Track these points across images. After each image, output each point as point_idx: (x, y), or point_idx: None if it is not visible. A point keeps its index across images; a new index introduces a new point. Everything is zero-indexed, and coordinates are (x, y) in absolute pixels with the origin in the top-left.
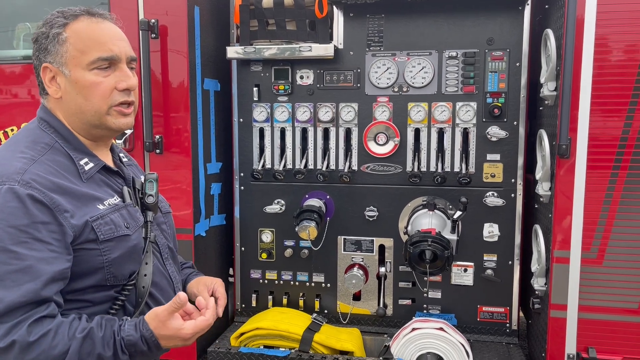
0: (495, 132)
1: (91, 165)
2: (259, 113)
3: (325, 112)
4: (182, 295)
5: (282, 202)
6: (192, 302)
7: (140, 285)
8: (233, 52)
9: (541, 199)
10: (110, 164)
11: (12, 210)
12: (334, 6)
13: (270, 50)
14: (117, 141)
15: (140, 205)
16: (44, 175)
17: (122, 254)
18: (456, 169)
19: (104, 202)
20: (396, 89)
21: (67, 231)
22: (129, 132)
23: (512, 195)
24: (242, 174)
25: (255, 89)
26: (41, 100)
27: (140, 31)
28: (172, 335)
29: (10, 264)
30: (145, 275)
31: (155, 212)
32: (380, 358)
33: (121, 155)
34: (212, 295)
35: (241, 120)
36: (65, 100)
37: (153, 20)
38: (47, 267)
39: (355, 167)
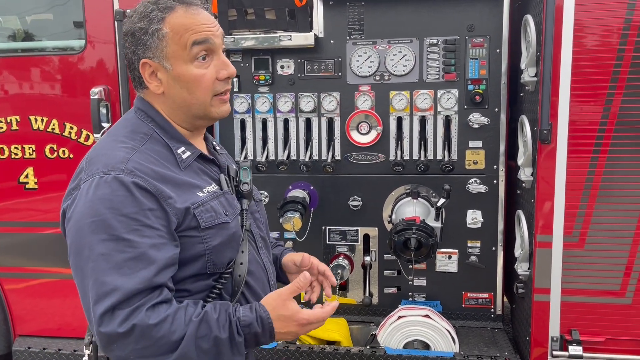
0: (477, 119)
1: (188, 153)
2: (240, 104)
3: (307, 102)
4: (307, 274)
5: (266, 193)
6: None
7: (237, 273)
8: None
9: (523, 185)
10: (205, 152)
11: (121, 199)
12: None
13: (249, 40)
14: (95, 135)
15: (236, 193)
16: (146, 164)
17: (222, 242)
18: (439, 157)
19: (203, 190)
20: (378, 78)
21: (172, 218)
22: (107, 125)
23: (495, 181)
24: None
25: (235, 79)
26: (137, 93)
27: (115, 22)
28: (289, 317)
29: (126, 251)
30: (241, 263)
31: (250, 200)
32: (367, 347)
33: (214, 143)
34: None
35: None
36: (168, 95)
37: (129, 11)
38: (159, 253)
39: (338, 157)
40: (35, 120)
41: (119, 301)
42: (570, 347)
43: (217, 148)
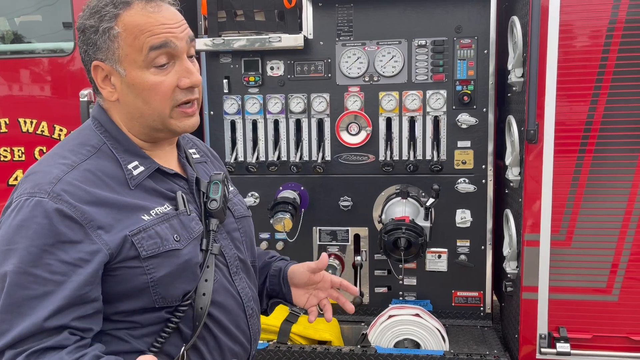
0: (465, 119)
1: (141, 169)
2: (230, 105)
3: (297, 103)
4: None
5: (256, 194)
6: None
7: (198, 306)
8: (201, 44)
9: (511, 184)
10: (173, 163)
11: (38, 227)
12: None
13: (239, 41)
14: None
15: (204, 212)
16: (80, 184)
17: (171, 272)
18: (428, 157)
19: (151, 212)
20: (367, 79)
21: (102, 250)
22: None
23: (483, 181)
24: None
25: (225, 81)
26: (97, 98)
27: None
28: None
29: (29, 288)
30: (204, 294)
31: (222, 220)
32: (358, 346)
33: (191, 151)
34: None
35: (212, 113)
36: (123, 103)
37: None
38: (67, 292)
39: (328, 158)
40: (25, 122)
41: (8, 344)
42: (558, 345)
43: (196, 156)
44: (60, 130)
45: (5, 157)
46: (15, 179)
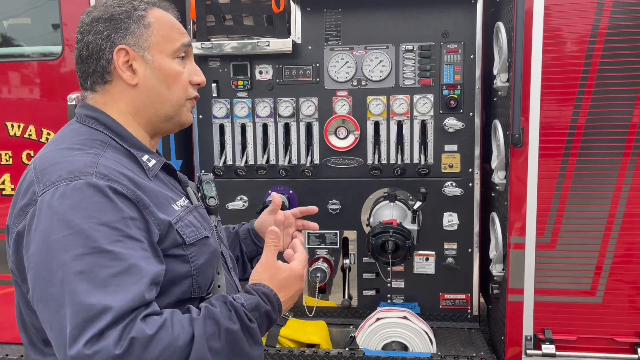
0: (452, 123)
1: (154, 161)
2: (219, 109)
3: (286, 107)
4: (274, 228)
5: (245, 198)
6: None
7: None
8: None
9: (497, 188)
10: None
11: (99, 206)
12: (291, 1)
13: (228, 45)
14: None
15: None
16: (116, 169)
17: (207, 260)
18: (415, 161)
19: (177, 203)
20: (355, 83)
21: (153, 229)
22: None
23: (470, 184)
24: (203, 171)
25: (214, 84)
26: (85, 94)
27: None
28: (288, 276)
29: (111, 266)
30: (219, 286)
31: (217, 216)
32: (347, 349)
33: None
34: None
35: (200, 116)
36: (142, 88)
37: (94, 3)
38: (147, 266)
39: (317, 162)
40: (12, 126)
41: (111, 322)
42: (543, 346)
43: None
44: (48, 134)
45: None
46: (3, 182)
